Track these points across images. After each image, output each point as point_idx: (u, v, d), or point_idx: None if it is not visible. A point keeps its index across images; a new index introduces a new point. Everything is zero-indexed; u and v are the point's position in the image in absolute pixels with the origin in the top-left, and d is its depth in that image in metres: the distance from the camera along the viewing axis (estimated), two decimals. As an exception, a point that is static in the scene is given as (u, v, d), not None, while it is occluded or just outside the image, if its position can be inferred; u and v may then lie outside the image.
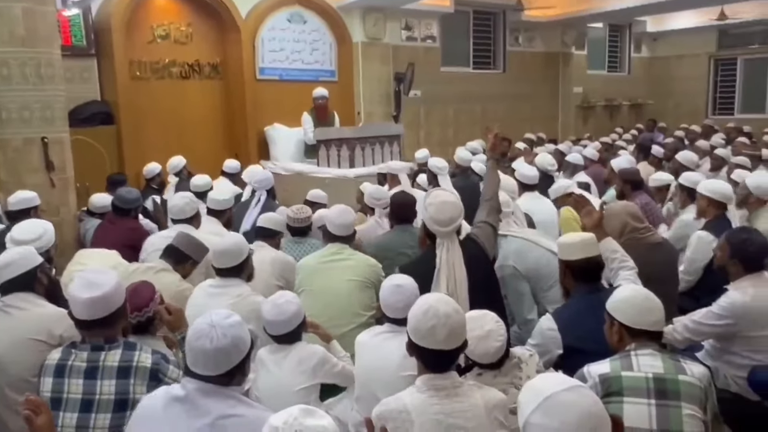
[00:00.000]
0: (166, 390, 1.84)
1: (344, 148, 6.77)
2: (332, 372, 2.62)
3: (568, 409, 1.35)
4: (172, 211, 4.01)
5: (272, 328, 2.58)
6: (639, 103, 13.80)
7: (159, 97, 7.18)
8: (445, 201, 2.77)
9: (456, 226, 2.77)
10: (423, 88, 9.55)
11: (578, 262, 2.58)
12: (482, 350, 2.14)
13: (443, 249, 2.72)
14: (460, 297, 2.65)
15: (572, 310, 2.55)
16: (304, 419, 1.36)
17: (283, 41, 8.07)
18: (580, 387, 1.43)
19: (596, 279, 2.60)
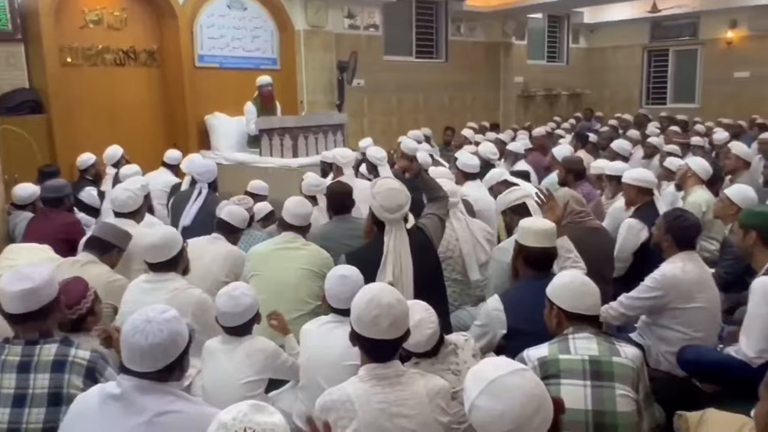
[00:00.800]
0: (101, 388, 1.79)
1: (287, 137, 6.68)
2: (282, 367, 2.61)
3: (511, 392, 1.39)
4: (114, 204, 3.85)
5: (225, 320, 2.54)
6: (577, 93, 14.18)
7: (92, 85, 6.91)
8: (392, 188, 2.81)
9: (404, 213, 2.81)
10: (366, 77, 9.53)
11: (534, 249, 2.63)
12: (415, 340, 2.16)
13: (391, 236, 2.76)
14: (405, 284, 2.69)
15: (519, 293, 2.62)
16: (253, 415, 1.34)
17: (222, 28, 7.89)
18: (523, 370, 1.47)
19: (547, 268, 2.65)
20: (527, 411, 1.37)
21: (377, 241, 2.80)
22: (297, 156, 6.66)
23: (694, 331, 2.86)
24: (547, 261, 2.66)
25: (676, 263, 2.91)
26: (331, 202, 3.83)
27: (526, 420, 1.37)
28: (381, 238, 2.78)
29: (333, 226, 3.76)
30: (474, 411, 1.42)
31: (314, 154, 6.71)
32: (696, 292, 2.87)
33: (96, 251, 3.18)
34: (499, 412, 1.38)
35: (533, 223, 2.74)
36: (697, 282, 2.88)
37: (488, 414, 1.39)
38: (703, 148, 6.77)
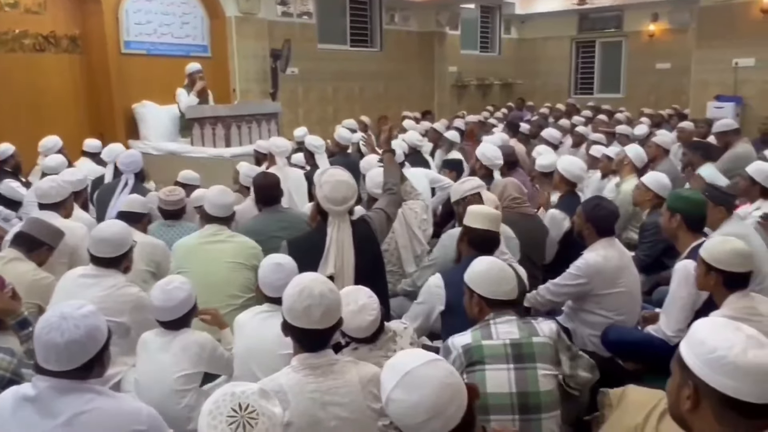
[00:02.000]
0: (15, 390, 1.71)
1: (219, 126, 6.54)
2: (219, 361, 2.57)
3: (425, 383, 1.41)
4: (37, 194, 3.68)
5: (159, 314, 2.49)
6: (509, 83, 14.48)
7: (9, 72, 6.54)
8: (339, 180, 2.78)
9: (349, 206, 2.79)
10: (300, 66, 9.43)
11: (480, 231, 2.70)
12: (356, 324, 2.18)
13: (334, 228, 2.75)
14: (346, 276, 2.69)
15: (460, 272, 2.66)
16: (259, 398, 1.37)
17: (150, 14, 7.61)
18: (437, 360, 1.49)
19: (489, 251, 2.71)
20: (442, 400, 1.39)
21: (320, 230, 2.79)
22: (230, 146, 6.53)
23: (616, 314, 3.00)
24: (491, 243, 2.74)
25: (597, 251, 3.02)
26: (259, 195, 3.76)
27: (441, 409, 1.39)
28: (324, 228, 2.77)
29: (262, 218, 3.69)
30: (390, 404, 1.44)
31: (248, 143, 6.60)
32: (618, 277, 3.00)
33: (23, 248, 3.03)
34: (413, 403, 1.39)
35: (481, 208, 2.82)
36: (618, 268, 3.01)
37: (403, 405, 1.41)
38: (629, 137, 7.05)
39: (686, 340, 1.32)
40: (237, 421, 1.32)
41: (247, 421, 1.32)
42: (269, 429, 1.34)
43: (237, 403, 1.34)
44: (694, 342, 1.29)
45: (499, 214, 2.82)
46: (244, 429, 1.31)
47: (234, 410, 1.33)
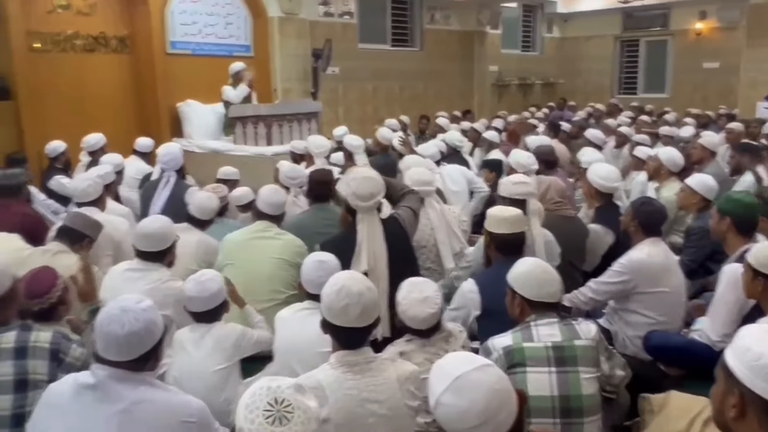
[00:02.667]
0: (74, 377, 1.79)
1: (261, 125, 6.63)
2: (250, 345, 2.64)
3: (476, 388, 1.41)
4: (75, 194, 3.81)
5: (193, 305, 2.56)
6: (551, 82, 14.31)
7: (62, 71, 6.76)
8: (366, 177, 2.83)
9: (377, 201, 2.83)
10: (341, 65, 9.50)
11: (504, 235, 2.70)
12: (414, 313, 2.21)
13: (364, 225, 2.78)
14: (379, 271, 2.72)
15: (492, 276, 2.68)
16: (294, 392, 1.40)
17: (195, 14, 7.78)
18: (487, 365, 1.49)
19: (518, 252, 2.71)
20: (492, 406, 1.40)
21: (351, 229, 2.82)
22: (271, 144, 6.62)
23: (659, 315, 2.93)
24: (517, 245, 2.73)
25: (642, 249, 2.97)
26: (311, 190, 3.82)
27: (492, 415, 1.39)
28: (355, 227, 2.80)
29: (310, 214, 3.76)
30: (439, 408, 1.45)
31: (288, 142, 6.67)
32: (662, 277, 2.94)
33: (67, 241, 3.14)
34: (463, 408, 1.40)
35: (501, 211, 2.79)
36: (662, 267, 2.95)
37: (453, 410, 1.42)
38: (673, 138, 6.88)
39: (732, 347, 1.29)
40: (273, 415, 1.34)
41: (284, 415, 1.35)
42: (305, 422, 1.36)
43: (273, 397, 1.36)
44: (740, 348, 1.25)
45: (520, 214, 2.80)
46: (280, 422, 1.33)
47: (270, 404, 1.35)
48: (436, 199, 3.62)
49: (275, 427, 1.32)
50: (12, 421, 1.98)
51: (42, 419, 1.77)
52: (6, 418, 1.98)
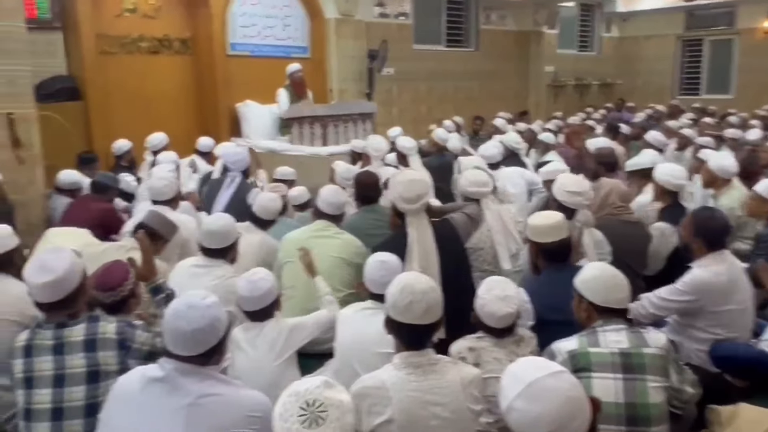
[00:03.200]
0: (143, 370, 1.84)
1: (317, 125, 6.73)
2: (305, 334, 2.68)
3: (550, 395, 1.40)
4: (151, 192, 3.95)
5: (246, 304, 2.62)
6: (608, 83, 13.98)
7: (127, 73, 7.03)
8: (412, 179, 2.85)
9: (424, 203, 2.83)
10: (396, 66, 9.52)
11: (549, 244, 2.67)
12: (492, 309, 2.22)
13: (413, 227, 2.80)
14: (431, 274, 2.70)
15: (542, 284, 2.66)
16: (324, 389, 1.42)
17: (254, 16, 7.94)
18: (561, 372, 1.48)
19: (566, 257, 2.68)
20: (565, 414, 1.39)
21: (401, 233, 2.84)
22: (327, 144, 6.70)
23: (727, 332, 2.81)
24: (564, 251, 2.70)
25: (708, 267, 2.83)
26: (359, 192, 3.84)
27: (565, 422, 1.38)
28: (405, 230, 2.82)
29: (359, 216, 3.77)
30: (511, 413, 1.44)
31: (344, 142, 6.75)
32: (728, 294, 2.81)
33: None
34: (536, 415, 1.39)
35: (542, 220, 2.76)
36: (728, 284, 2.81)
37: (525, 416, 1.41)
38: (737, 140, 6.63)
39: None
40: (308, 418, 1.36)
41: (318, 416, 1.36)
42: (340, 417, 1.38)
43: (304, 401, 1.38)
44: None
45: (561, 219, 2.75)
46: (316, 424, 1.35)
47: (303, 408, 1.37)
48: (493, 200, 3.60)
49: (313, 430, 1.34)
50: (85, 411, 2.04)
51: (113, 410, 1.83)
52: (80, 408, 2.05)
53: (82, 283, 2.22)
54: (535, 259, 2.78)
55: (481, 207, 3.46)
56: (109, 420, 1.83)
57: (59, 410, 2.05)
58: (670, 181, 3.78)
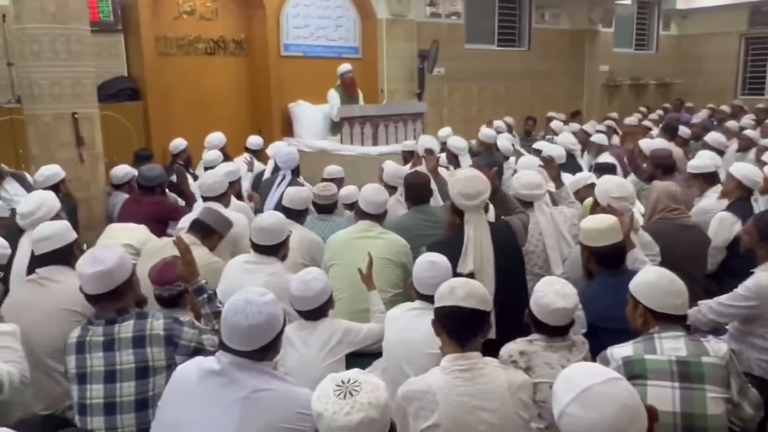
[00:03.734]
0: (200, 363, 1.89)
1: (368, 125, 6.76)
2: (357, 339, 2.68)
3: (605, 402, 1.37)
4: (202, 189, 4.06)
5: (299, 304, 2.63)
6: (666, 82, 13.58)
7: (184, 73, 7.20)
8: (471, 176, 2.83)
9: (483, 200, 2.81)
10: (447, 66, 9.48)
11: (602, 248, 2.59)
12: (549, 300, 2.17)
13: (471, 226, 2.77)
14: (486, 273, 2.70)
15: (595, 290, 2.59)
16: (360, 376, 1.45)
17: (307, 17, 8.04)
18: (618, 379, 1.44)
19: (620, 261, 2.61)
20: (621, 422, 1.35)
21: (459, 231, 2.82)
22: (377, 144, 6.73)
23: (791, 340, 2.71)
24: (619, 256, 2.62)
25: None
26: (409, 193, 3.84)
27: (621, 430, 1.35)
28: (462, 229, 2.79)
29: (410, 217, 3.76)
30: (564, 418, 1.42)
31: (393, 142, 6.77)
32: (793, 299, 2.70)
33: (199, 234, 3.34)
34: (591, 421, 1.36)
35: (595, 224, 2.68)
36: None
37: (579, 423, 1.39)
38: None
39: None
40: (342, 391, 1.39)
41: (352, 389, 1.39)
42: (374, 390, 1.39)
43: (339, 379, 1.42)
44: None
45: (615, 222, 2.67)
46: (350, 395, 1.37)
47: (338, 385, 1.40)
48: (546, 202, 3.54)
49: (348, 400, 1.37)
50: (136, 406, 2.11)
51: (170, 399, 1.88)
52: (131, 403, 2.11)
53: (130, 278, 2.28)
54: (587, 264, 2.71)
55: (534, 209, 3.41)
56: (167, 408, 1.88)
57: (112, 405, 2.12)
58: (748, 177, 3.78)
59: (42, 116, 4.44)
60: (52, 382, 2.50)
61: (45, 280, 2.65)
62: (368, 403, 1.36)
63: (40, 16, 4.28)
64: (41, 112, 4.44)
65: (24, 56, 4.40)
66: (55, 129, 4.46)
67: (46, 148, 4.47)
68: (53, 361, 2.49)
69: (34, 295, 2.62)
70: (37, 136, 4.49)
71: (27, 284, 2.72)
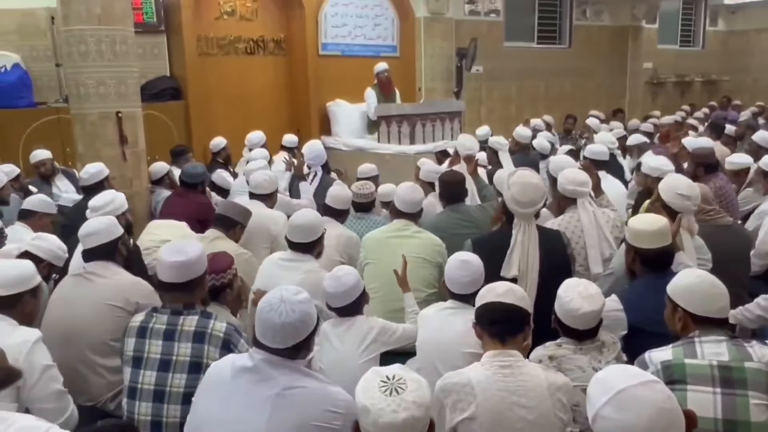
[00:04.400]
0: (233, 359, 1.91)
1: (405, 124, 6.76)
2: (392, 339, 2.68)
3: (641, 405, 1.35)
4: (251, 185, 4.12)
5: (333, 301, 2.66)
6: (713, 80, 13.21)
7: (225, 73, 7.31)
8: (528, 183, 2.75)
9: (536, 210, 2.77)
10: (485, 64, 9.40)
11: (650, 251, 2.53)
12: (576, 305, 2.14)
13: (519, 230, 2.73)
14: (529, 280, 2.66)
15: (637, 291, 2.53)
16: (403, 372, 1.46)
17: (345, 17, 8.08)
18: (654, 382, 1.42)
19: (666, 265, 2.55)
20: (657, 426, 1.33)
21: (505, 231, 2.78)
22: (414, 143, 6.72)
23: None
24: (666, 259, 2.55)
25: None
26: (444, 192, 3.83)
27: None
28: (509, 230, 2.75)
29: (444, 216, 3.75)
30: (599, 420, 1.40)
31: (431, 141, 6.75)
32: None
33: (222, 228, 3.41)
34: (626, 424, 1.35)
35: (644, 224, 2.60)
36: None
37: (614, 426, 1.37)
38: None
39: None
40: (388, 388, 1.41)
41: (398, 386, 1.41)
42: (418, 389, 1.41)
43: (384, 375, 1.43)
44: None
45: (666, 225, 2.58)
46: (396, 392, 1.39)
47: (383, 381, 1.42)
48: (590, 201, 3.47)
49: (394, 397, 1.39)
50: (183, 398, 2.14)
51: (204, 395, 1.91)
52: (179, 394, 2.15)
53: (203, 275, 2.35)
54: (631, 264, 2.64)
55: (577, 207, 3.36)
56: (201, 404, 1.91)
57: (161, 393, 2.16)
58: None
59: (88, 115, 4.57)
60: (95, 375, 2.56)
61: (91, 275, 2.72)
62: (413, 402, 1.39)
63: (86, 17, 4.40)
64: (87, 112, 4.56)
65: (71, 57, 4.52)
66: (101, 128, 4.58)
67: (92, 147, 4.60)
68: (96, 355, 2.56)
69: (80, 289, 2.69)
70: (83, 135, 4.62)
71: (74, 278, 2.79)
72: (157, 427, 2.15)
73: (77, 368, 2.54)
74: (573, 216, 3.28)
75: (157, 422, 2.15)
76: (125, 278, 2.76)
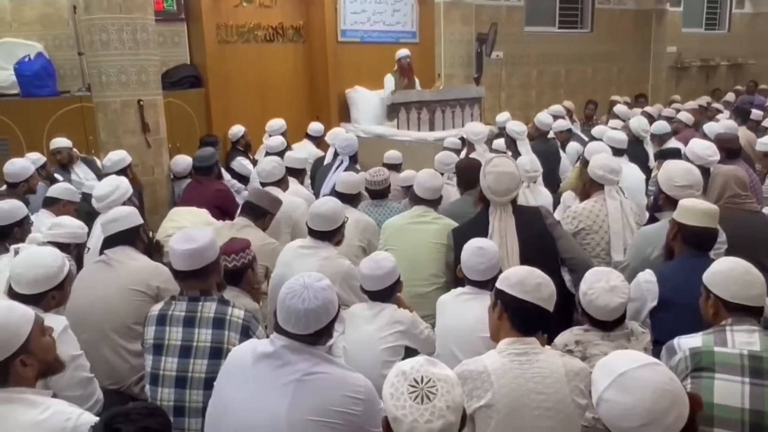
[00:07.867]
0: (254, 345, 1.93)
1: (424, 111, 6.73)
2: (419, 337, 2.68)
3: (642, 386, 1.34)
4: (261, 174, 4.15)
5: (368, 283, 2.67)
6: (739, 63, 12.95)
7: (244, 61, 7.30)
8: (503, 172, 2.80)
9: (510, 198, 2.80)
10: (505, 49, 9.31)
11: (696, 228, 2.50)
12: (603, 302, 2.16)
13: (495, 217, 2.79)
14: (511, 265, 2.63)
15: (674, 267, 2.53)
16: (428, 366, 1.43)
17: (364, 3, 8.01)
18: (656, 364, 1.41)
19: (708, 248, 2.52)
20: (659, 407, 1.32)
21: (482, 218, 2.83)
22: (433, 130, 6.69)
23: None
24: (709, 241, 2.52)
25: None
26: (461, 178, 3.84)
27: (658, 416, 1.32)
28: (486, 216, 2.80)
29: (460, 202, 3.76)
30: (602, 404, 1.40)
31: (450, 127, 6.71)
32: None
33: (251, 216, 3.43)
34: (627, 406, 1.34)
35: (695, 202, 2.58)
36: None
37: (616, 408, 1.36)
38: None
39: None
40: (419, 394, 1.37)
41: (428, 391, 1.37)
42: (450, 391, 1.38)
43: (412, 378, 1.39)
44: None
45: (716, 208, 2.56)
46: (428, 399, 1.36)
47: (412, 386, 1.38)
48: (618, 190, 3.43)
49: (426, 405, 1.36)
50: (205, 384, 2.16)
51: (225, 380, 1.93)
52: (201, 380, 2.18)
53: (217, 259, 2.36)
54: (671, 241, 2.60)
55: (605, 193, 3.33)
56: (222, 389, 1.93)
57: (183, 379, 2.19)
58: None
59: (110, 103, 4.61)
60: (119, 360, 2.61)
61: (113, 261, 2.76)
62: (446, 407, 1.36)
63: (107, 6, 4.43)
64: (109, 100, 4.61)
65: (93, 46, 4.56)
66: (122, 116, 4.62)
67: (114, 134, 4.64)
68: (120, 338, 2.61)
69: (103, 274, 2.74)
70: (105, 123, 4.67)
71: (96, 264, 2.84)
72: (179, 412, 2.17)
73: (102, 352, 2.58)
74: (597, 202, 3.26)
75: (179, 407, 2.18)
76: (146, 263, 2.80)
